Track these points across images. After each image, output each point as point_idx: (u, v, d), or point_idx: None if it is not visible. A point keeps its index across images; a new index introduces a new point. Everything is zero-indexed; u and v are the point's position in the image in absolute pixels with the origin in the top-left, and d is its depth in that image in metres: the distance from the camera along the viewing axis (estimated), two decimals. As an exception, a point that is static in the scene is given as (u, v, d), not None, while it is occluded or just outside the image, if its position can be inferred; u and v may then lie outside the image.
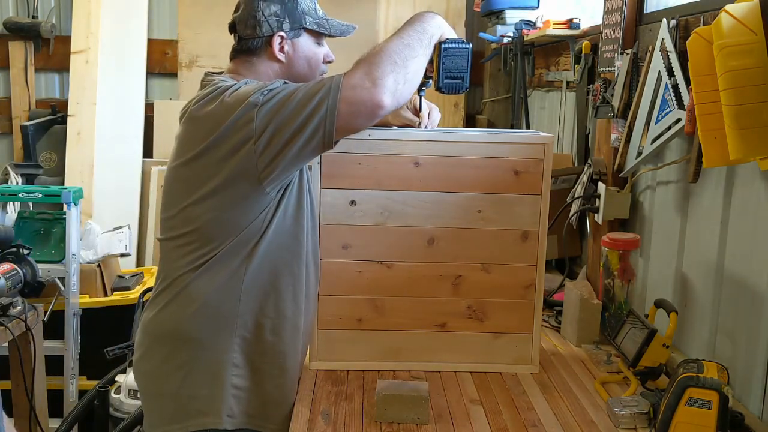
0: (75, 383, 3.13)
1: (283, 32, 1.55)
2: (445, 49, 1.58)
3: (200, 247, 1.52)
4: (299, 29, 1.57)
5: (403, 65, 1.43)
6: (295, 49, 1.58)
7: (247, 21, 1.54)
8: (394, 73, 1.41)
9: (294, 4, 1.56)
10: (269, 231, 1.52)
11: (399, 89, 1.42)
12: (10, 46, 4.07)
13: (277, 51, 1.56)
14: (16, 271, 2.32)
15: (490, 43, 3.64)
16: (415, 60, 1.46)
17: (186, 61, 3.99)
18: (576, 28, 2.63)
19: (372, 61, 1.41)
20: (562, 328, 2.11)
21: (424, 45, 1.49)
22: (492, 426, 1.54)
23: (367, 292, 1.79)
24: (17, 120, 4.10)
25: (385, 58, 1.41)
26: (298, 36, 1.57)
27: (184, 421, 1.56)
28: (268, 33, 1.54)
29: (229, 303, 1.54)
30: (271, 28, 1.53)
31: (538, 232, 1.78)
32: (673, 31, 1.78)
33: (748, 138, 1.28)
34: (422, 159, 1.74)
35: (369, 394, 1.67)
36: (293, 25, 1.55)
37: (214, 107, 1.45)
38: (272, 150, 1.42)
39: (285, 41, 1.56)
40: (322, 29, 1.60)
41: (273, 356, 1.59)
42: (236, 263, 1.52)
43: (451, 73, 1.60)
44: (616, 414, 1.53)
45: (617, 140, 2.10)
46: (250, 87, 1.45)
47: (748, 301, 1.57)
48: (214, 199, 1.49)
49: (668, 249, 1.94)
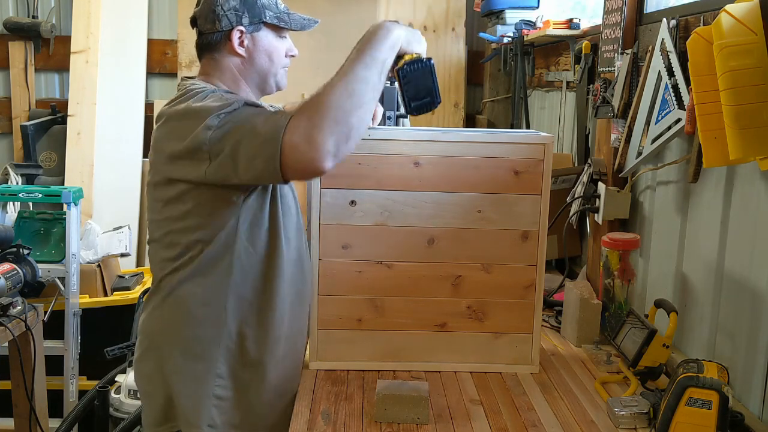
0: (75, 383, 3.13)
1: (242, 26, 1.53)
2: (404, 75, 1.48)
3: (180, 250, 1.53)
4: (259, 23, 1.54)
5: (346, 122, 1.34)
6: (254, 43, 1.56)
7: (207, 15, 1.53)
8: (335, 135, 1.32)
9: None
10: (242, 239, 1.52)
11: (341, 149, 1.34)
12: (10, 46, 4.07)
13: (236, 45, 1.54)
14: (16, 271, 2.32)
15: (490, 43, 3.65)
16: (361, 110, 1.36)
17: (186, 61, 3.99)
18: (576, 28, 2.63)
19: (313, 117, 1.32)
20: (562, 328, 2.11)
21: (373, 83, 1.39)
22: (492, 426, 1.54)
23: (367, 292, 1.79)
24: (17, 120, 4.10)
25: (327, 116, 1.32)
26: (257, 30, 1.55)
27: (170, 422, 1.59)
28: (227, 27, 1.52)
29: (215, 313, 1.55)
30: (230, 22, 1.52)
31: (538, 232, 1.78)
32: (673, 31, 1.78)
33: (748, 138, 1.28)
34: (422, 159, 1.74)
35: (369, 394, 1.67)
36: (252, 19, 1.53)
37: (174, 124, 1.46)
38: (222, 176, 1.41)
39: (244, 35, 1.54)
40: (282, 23, 1.57)
41: (255, 367, 1.60)
42: (217, 272, 1.53)
43: (417, 95, 1.49)
44: (616, 414, 1.53)
45: (617, 140, 2.10)
46: (211, 105, 1.41)
47: (748, 301, 1.57)
48: (180, 205, 1.50)
49: (668, 249, 1.94)
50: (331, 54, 4.26)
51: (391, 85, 1.68)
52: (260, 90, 1.63)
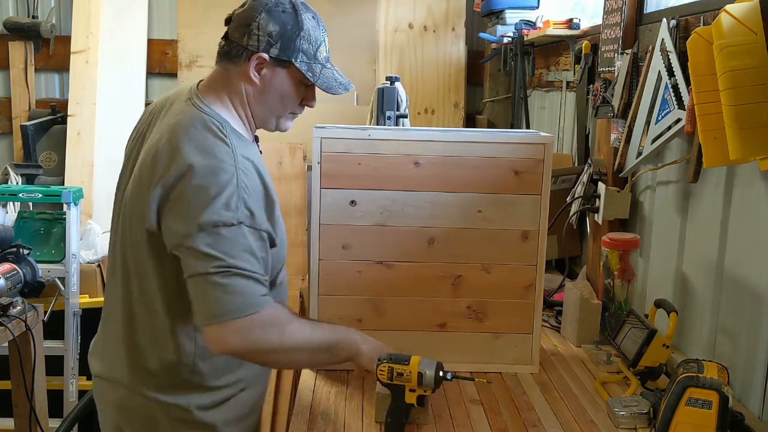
0: (75, 383, 3.13)
1: (267, 55, 1.41)
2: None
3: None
4: (286, 62, 1.43)
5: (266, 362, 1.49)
6: (273, 77, 1.44)
7: (241, 25, 1.43)
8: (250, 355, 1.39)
9: (294, 35, 1.42)
10: None
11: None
12: (10, 46, 4.07)
13: (252, 70, 1.43)
14: (16, 271, 2.32)
15: (490, 43, 3.65)
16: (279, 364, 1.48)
17: (186, 61, 3.98)
18: (576, 28, 2.63)
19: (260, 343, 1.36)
20: (562, 328, 2.11)
21: (308, 365, 1.59)
22: (492, 426, 1.54)
23: (367, 292, 1.79)
24: (17, 120, 4.09)
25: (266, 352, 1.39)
26: (282, 66, 1.44)
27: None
28: (253, 48, 1.41)
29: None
30: (257, 45, 1.41)
31: (538, 232, 1.78)
32: (673, 31, 1.78)
33: (748, 138, 1.28)
34: (422, 159, 1.74)
35: (369, 394, 1.67)
36: (282, 54, 1.42)
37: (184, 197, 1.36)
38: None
39: (265, 64, 1.43)
40: (309, 74, 1.45)
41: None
42: None
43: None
44: (616, 414, 1.53)
45: (617, 140, 2.10)
46: (220, 210, 1.33)
47: (748, 301, 1.57)
48: None
49: (668, 249, 1.94)
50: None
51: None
52: (260, 124, 1.52)
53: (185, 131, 1.38)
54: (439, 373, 1.44)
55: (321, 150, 1.73)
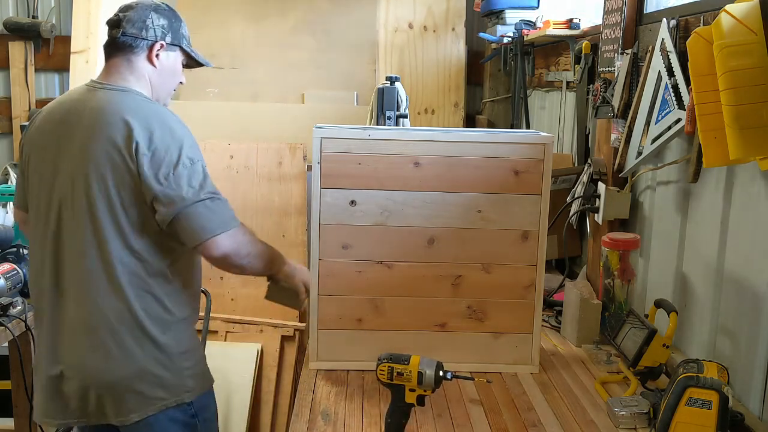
0: (75, 383, 3.12)
1: (164, 42, 1.76)
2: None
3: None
4: (176, 46, 1.80)
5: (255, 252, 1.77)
6: (167, 59, 1.79)
7: (136, 22, 1.73)
8: (249, 257, 1.71)
9: (177, 26, 1.81)
10: None
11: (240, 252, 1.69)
12: (10, 46, 4.07)
13: (154, 56, 1.76)
14: (16, 271, 2.31)
15: (490, 43, 3.65)
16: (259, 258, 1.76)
17: (186, 61, 3.98)
18: (576, 28, 2.63)
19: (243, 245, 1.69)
20: (562, 328, 2.11)
21: (270, 267, 1.82)
22: (492, 426, 1.54)
23: (367, 292, 1.79)
24: (17, 120, 4.09)
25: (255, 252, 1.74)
26: (173, 50, 1.80)
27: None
28: (152, 39, 1.74)
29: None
30: (155, 35, 1.75)
31: (538, 232, 1.78)
32: (673, 31, 1.78)
33: (748, 138, 1.28)
34: (422, 159, 1.74)
35: (369, 394, 1.67)
36: (173, 41, 1.79)
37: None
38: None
39: (163, 49, 1.76)
40: (194, 54, 1.86)
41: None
42: None
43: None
44: (616, 414, 1.53)
45: (617, 140, 2.10)
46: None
47: (748, 301, 1.57)
48: None
49: (668, 249, 1.94)
50: (330, 54, 4.27)
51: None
52: (159, 101, 1.81)
53: (137, 105, 1.68)
54: (439, 373, 1.44)
55: (321, 150, 1.73)
